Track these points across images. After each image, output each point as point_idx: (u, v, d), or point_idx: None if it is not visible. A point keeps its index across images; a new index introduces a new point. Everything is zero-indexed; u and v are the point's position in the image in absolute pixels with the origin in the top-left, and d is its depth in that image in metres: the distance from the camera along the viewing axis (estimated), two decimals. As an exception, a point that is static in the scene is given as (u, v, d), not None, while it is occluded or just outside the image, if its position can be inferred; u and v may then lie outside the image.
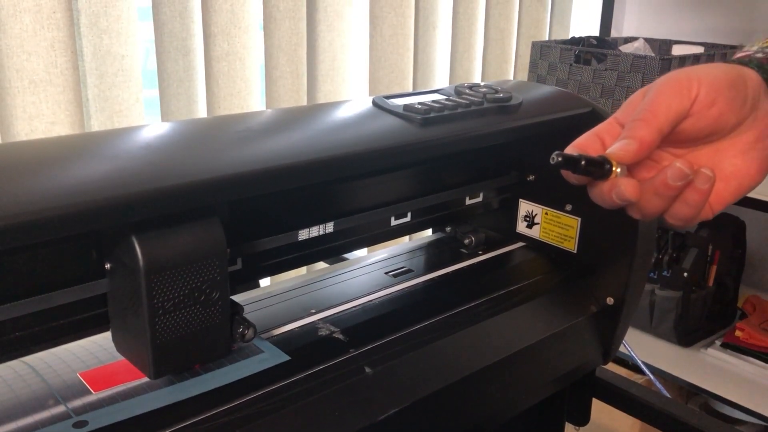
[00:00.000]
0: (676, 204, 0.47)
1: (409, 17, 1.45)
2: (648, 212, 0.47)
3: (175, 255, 0.49)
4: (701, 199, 0.46)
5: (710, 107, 0.47)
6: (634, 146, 0.46)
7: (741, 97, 0.48)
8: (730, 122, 0.48)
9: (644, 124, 0.46)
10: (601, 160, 0.46)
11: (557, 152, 0.45)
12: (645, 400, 0.82)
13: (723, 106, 0.47)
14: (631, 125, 0.47)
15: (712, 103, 0.47)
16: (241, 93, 1.21)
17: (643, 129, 0.46)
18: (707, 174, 0.46)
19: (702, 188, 0.46)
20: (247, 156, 0.52)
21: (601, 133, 0.50)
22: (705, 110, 0.47)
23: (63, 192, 0.43)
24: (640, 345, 1.58)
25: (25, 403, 0.50)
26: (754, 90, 0.48)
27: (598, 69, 1.52)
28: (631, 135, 0.46)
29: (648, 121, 0.46)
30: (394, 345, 0.61)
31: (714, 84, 0.47)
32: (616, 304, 0.76)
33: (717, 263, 1.58)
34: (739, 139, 0.49)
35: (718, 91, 0.47)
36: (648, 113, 0.46)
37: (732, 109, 0.48)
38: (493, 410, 0.69)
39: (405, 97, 0.67)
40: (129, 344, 0.52)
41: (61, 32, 0.97)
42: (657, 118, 0.46)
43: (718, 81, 0.47)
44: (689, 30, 1.84)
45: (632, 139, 0.46)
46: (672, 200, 0.47)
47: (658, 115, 0.46)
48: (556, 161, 0.45)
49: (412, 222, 0.75)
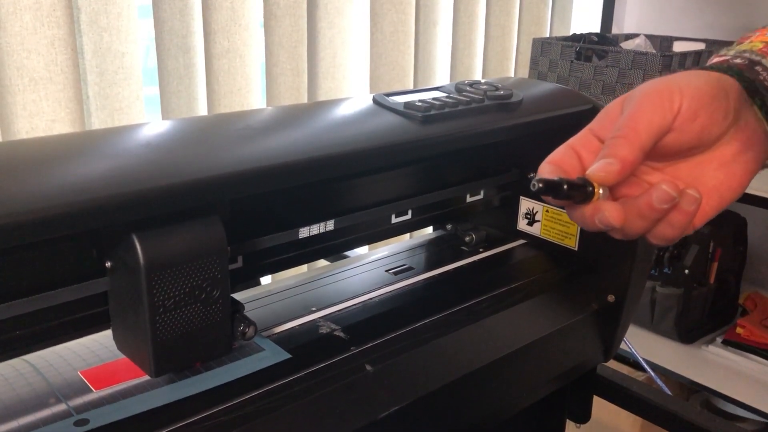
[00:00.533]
0: (660, 225, 0.45)
1: (410, 14, 1.45)
2: (631, 234, 0.46)
3: (176, 253, 0.49)
4: (686, 220, 0.45)
5: (693, 121, 0.45)
6: (617, 166, 0.43)
7: (723, 108, 0.46)
8: (712, 135, 0.46)
9: (626, 142, 0.44)
10: (582, 182, 0.44)
11: (538, 178, 0.43)
12: (646, 397, 0.82)
13: (705, 120, 0.45)
14: (612, 143, 0.44)
15: (695, 117, 0.45)
16: (241, 90, 1.21)
17: (624, 147, 0.44)
18: (694, 195, 0.44)
19: (688, 210, 0.44)
20: (248, 154, 0.52)
21: (576, 147, 0.48)
22: (687, 124, 0.45)
23: (64, 190, 0.43)
24: (641, 342, 1.58)
25: (26, 401, 0.50)
26: (735, 100, 0.46)
27: (599, 66, 1.52)
28: (612, 153, 0.44)
29: (629, 138, 0.44)
30: (395, 343, 0.61)
31: (696, 96, 0.45)
32: (617, 302, 0.76)
33: (718, 260, 1.58)
34: (720, 151, 0.47)
35: (700, 103, 0.45)
36: (629, 129, 0.44)
37: (714, 122, 0.46)
38: (494, 408, 0.69)
39: (405, 95, 0.67)
40: (130, 342, 0.52)
41: (61, 30, 0.97)
42: (639, 135, 0.44)
43: (700, 93, 0.45)
44: (690, 26, 1.84)
45: (614, 158, 0.44)
46: (656, 222, 0.45)
47: (640, 131, 0.44)
48: (538, 187, 0.43)
49: (412, 220, 0.75)
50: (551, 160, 0.47)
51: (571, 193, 0.44)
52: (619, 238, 0.47)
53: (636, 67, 1.45)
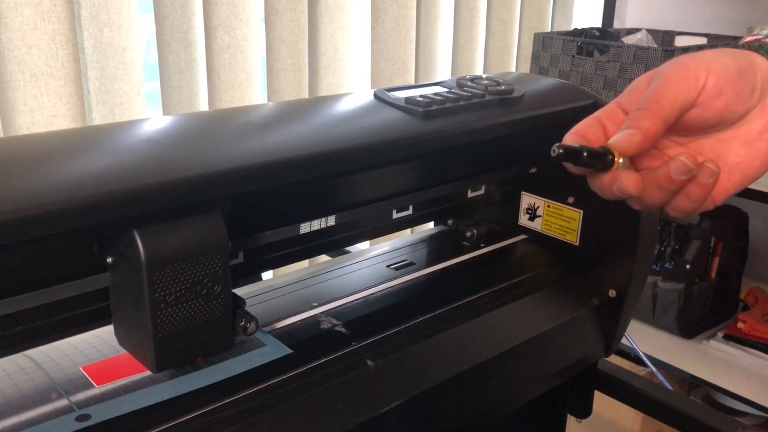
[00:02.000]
0: (678, 197, 0.46)
1: (411, 9, 1.44)
2: (649, 204, 0.46)
3: (177, 249, 0.49)
4: (704, 193, 0.45)
5: (717, 97, 0.45)
6: (638, 137, 0.44)
7: (749, 86, 0.46)
8: (737, 113, 0.47)
9: (649, 114, 0.44)
10: (603, 151, 0.44)
11: (558, 144, 0.44)
12: (647, 392, 0.82)
13: (730, 97, 0.45)
14: (635, 114, 0.45)
15: (720, 93, 0.45)
16: (242, 86, 1.21)
17: (647, 119, 0.44)
18: (711, 168, 0.44)
19: (706, 183, 0.45)
20: (249, 149, 0.52)
21: (603, 119, 0.48)
22: (712, 100, 0.45)
23: (65, 186, 0.43)
24: (642, 337, 1.59)
25: (28, 396, 0.51)
26: (763, 78, 0.46)
27: (601, 61, 1.52)
28: (635, 125, 0.44)
29: (653, 111, 0.44)
30: (396, 338, 0.61)
31: (722, 73, 0.45)
32: (619, 297, 0.76)
33: (719, 255, 1.58)
34: (745, 129, 0.47)
35: (726, 80, 0.45)
36: (653, 102, 0.45)
37: (739, 100, 0.46)
38: (494, 403, 0.69)
39: (407, 90, 0.67)
40: (131, 338, 0.52)
41: (61, 25, 0.97)
42: (662, 108, 0.44)
43: (727, 70, 0.45)
44: (692, 21, 1.83)
45: (636, 129, 0.44)
46: (674, 193, 0.45)
47: (664, 104, 0.44)
48: (557, 153, 0.43)
49: (413, 215, 0.75)
50: (576, 131, 0.48)
51: (591, 161, 0.44)
52: (638, 208, 0.48)
53: (638, 62, 1.44)
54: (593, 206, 0.76)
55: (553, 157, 0.44)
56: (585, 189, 0.49)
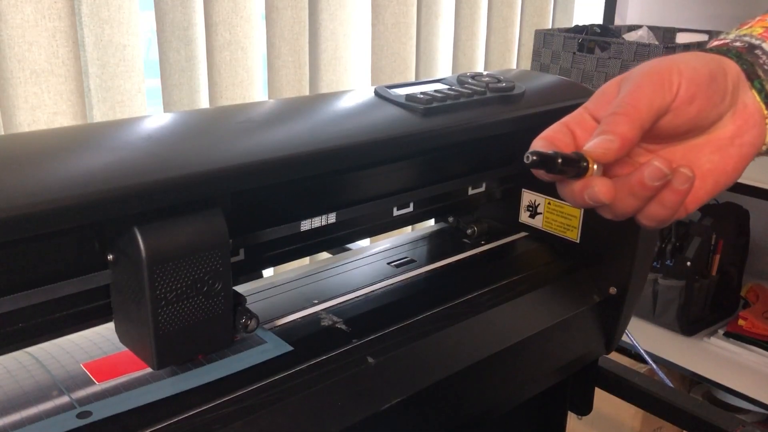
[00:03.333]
0: (651, 204, 0.44)
1: (412, 6, 1.44)
2: (621, 213, 0.45)
3: (178, 246, 0.49)
4: (678, 200, 0.44)
5: (690, 103, 0.44)
6: (616, 143, 0.42)
7: (721, 91, 0.45)
8: (709, 118, 0.45)
9: (626, 119, 0.42)
10: (577, 157, 0.43)
11: (532, 151, 0.42)
12: (647, 389, 0.82)
13: (703, 102, 0.44)
14: (611, 119, 0.43)
15: (692, 99, 0.44)
16: (243, 83, 1.21)
17: (624, 125, 0.42)
18: (686, 174, 0.43)
19: (680, 189, 0.43)
20: (250, 147, 0.52)
21: (571, 125, 0.47)
22: (684, 106, 0.44)
23: (65, 183, 0.43)
24: (642, 334, 1.59)
25: (28, 393, 0.51)
26: (733, 83, 0.46)
27: (602, 57, 1.51)
28: (611, 130, 0.42)
29: (630, 116, 0.42)
30: (397, 335, 0.61)
31: (694, 78, 0.44)
32: (619, 294, 0.76)
33: (720, 252, 1.58)
34: (716, 134, 0.46)
35: (698, 86, 0.44)
36: (629, 107, 0.43)
37: (711, 105, 0.45)
38: (495, 400, 0.69)
39: (407, 87, 0.67)
40: (132, 335, 0.52)
41: (62, 22, 0.97)
42: (639, 113, 0.43)
43: (699, 75, 0.44)
44: (693, 18, 1.83)
45: (613, 134, 0.42)
46: (647, 200, 0.44)
47: (640, 109, 0.43)
48: (531, 160, 0.41)
49: (414, 212, 0.75)
50: (544, 136, 0.46)
51: (565, 168, 0.42)
52: (609, 217, 0.46)
53: (639, 59, 1.44)
54: (594, 203, 0.76)
55: (526, 164, 0.42)
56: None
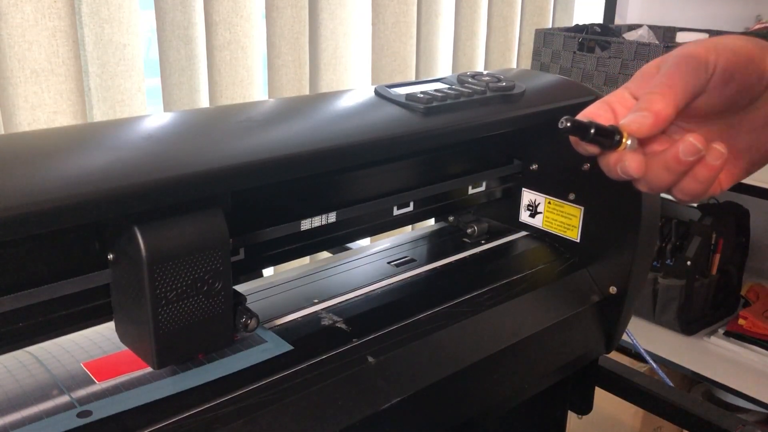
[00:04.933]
0: (686, 179, 0.45)
1: (412, 5, 1.44)
2: (656, 186, 0.46)
3: (178, 245, 0.49)
4: (712, 176, 0.45)
5: (726, 84, 0.45)
6: (650, 119, 0.44)
7: (758, 72, 0.46)
8: (745, 99, 0.46)
9: (661, 98, 0.44)
10: (612, 129, 0.44)
11: (566, 117, 0.44)
12: (647, 388, 0.82)
13: (739, 83, 0.45)
14: (647, 97, 0.45)
15: (729, 80, 0.45)
16: (243, 82, 1.21)
17: (660, 102, 0.44)
18: (720, 150, 0.44)
19: (713, 164, 0.44)
20: (250, 146, 0.52)
21: (613, 103, 0.48)
22: (720, 87, 0.45)
23: (66, 183, 0.43)
24: (643, 334, 1.59)
25: (29, 393, 0.51)
26: None
27: (602, 57, 1.51)
28: (646, 107, 0.44)
29: (665, 95, 0.44)
30: (397, 335, 0.61)
31: (731, 59, 0.45)
32: (619, 293, 0.76)
33: (720, 252, 1.58)
34: (753, 114, 0.47)
35: (735, 66, 0.45)
36: (665, 86, 0.45)
37: (748, 86, 0.46)
38: (495, 400, 0.69)
39: (407, 87, 0.67)
40: (132, 334, 0.52)
41: (62, 21, 0.97)
42: (674, 92, 0.44)
43: (736, 56, 0.45)
44: (693, 17, 1.83)
45: (648, 111, 0.44)
46: (682, 175, 0.45)
47: (676, 88, 0.44)
48: (564, 126, 0.43)
49: (414, 212, 0.75)
50: (585, 113, 0.48)
51: (598, 139, 0.44)
52: (645, 190, 0.48)
53: (639, 58, 1.44)
54: (594, 203, 0.76)
55: (560, 128, 0.43)
56: (586, 186, 0.48)
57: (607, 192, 0.74)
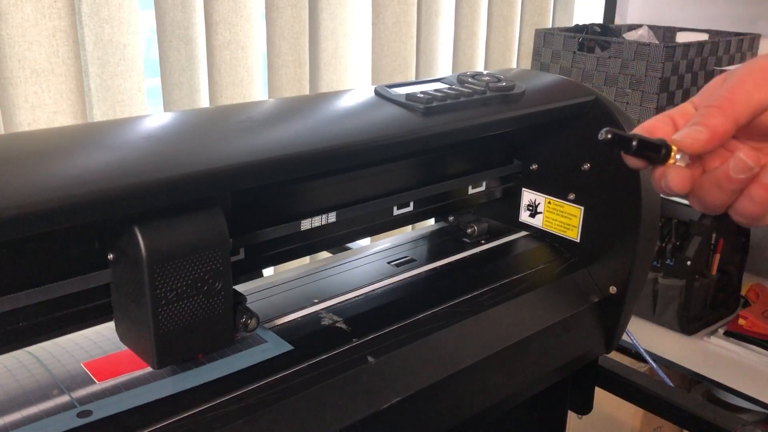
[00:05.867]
0: (741, 199, 0.43)
1: (412, 5, 1.44)
2: (709, 205, 0.44)
3: (178, 245, 0.49)
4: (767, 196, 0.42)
5: None
6: (705, 135, 0.42)
7: None
8: None
9: (719, 112, 0.42)
10: (659, 143, 0.42)
11: (607, 128, 0.41)
12: (648, 388, 0.82)
13: None
14: (704, 111, 0.43)
15: None
16: (243, 82, 1.21)
17: (717, 117, 0.42)
18: None
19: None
20: (249, 146, 0.52)
21: (674, 116, 0.46)
22: None
23: (66, 183, 0.43)
24: (643, 333, 1.59)
25: (29, 393, 0.51)
26: None
27: (602, 57, 1.51)
28: (703, 122, 0.42)
29: (723, 109, 0.42)
30: (397, 335, 0.61)
31: None
32: (619, 293, 0.76)
33: (720, 252, 1.58)
34: None
35: None
36: (724, 100, 0.42)
37: None
38: (495, 399, 0.69)
39: (407, 86, 0.67)
40: (132, 334, 0.52)
41: (62, 21, 0.97)
42: (734, 107, 0.42)
43: None
44: (694, 17, 1.83)
45: (704, 126, 0.42)
46: (735, 194, 0.43)
47: (736, 103, 0.42)
48: (605, 137, 0.41)
49: (414, 212, 0.75)
50: (644, 125, 0.46)
51: (642, 152, 0.42)
52: (699, 209, 0.46)
53: (639, 58, 1.44)
54: (594, 203, 0.76)
55: (599, 140, 0.42)
56: (586, 186, 0.48)
57: (607, 192, 0.74)
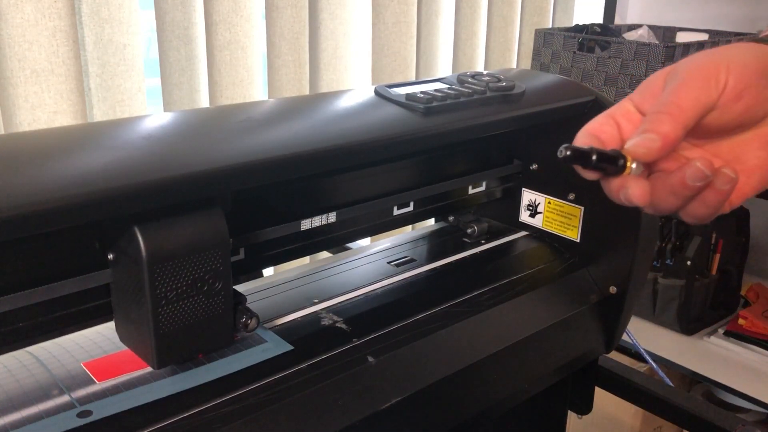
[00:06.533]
0: (693, 203, 0.43)
1: (412, 5, 1.44)
2: (662, 210, 0.44)
3: (178, 245, 0.49)
4: (721, 200, 0.43)
5: (737, 100, 0.43)
6: (658, 143, 0.41)
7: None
8: (757, 115, 0.44)
9: (669, 118, 0.42)
10: (615, 155, 0.42)
11: (566, 145, 0.41)
12: (647, 388, 0.82)
13: (750, 99, 0.43)
14: (654, 118, 0.42)
15: (740, 96, 0.42)
16: (243, 82, 1.21)
17: (667, 124, 0.41)
18: (729, 175, 0.42)
19: (722, 189, 0.42)
20: (249, 146, 0.52)
21: (616, 116, 0.46)
22: (731, 104, 0.43)
23: (66, 183, 0.43)
24: (642, 333, 1.59)
25: (29, 393, 0.51)
26: None
27: (602, 57, 1.51)
28: (654, 129, 0.42)
29: (673, 115, 0.42)
30: (397, 334, 0.61)
31: (743, 73, 0.42)
32: (619, 293, 0.76)
33: (720, 251, 1.58)
34: (764, 130, 0.45)
35: (747, 82, 0.42)
36: (673, 106, 0.42)
37: (760, 102, 0.43)
38: (495, 399, 0.69)
39: (407, 86, 0.67)
40: (132, 334, 0.52)
41: (62, 21, 0.97)
42: (683, 113, 0.42)
43: (748, 70, 0.43)
44: (693, 17, 1.83)
45: (656, 134, 0.41)
46: (689, 200, 0.43)
47: (685, 108, 0.42)
48: (564, 155, 0.41)
49: (414, 211, 0.75)
50: (589, 129, 0.46)
51: (601, 165, 0.42)
52: (650, 212, 0.46)
53: (639, 58, 1.44)
54: (594, 203, 0.76)
55: (559, 158, 0.41)
56: (586, 185, 0.48)
57: (607, 192, 0.74)
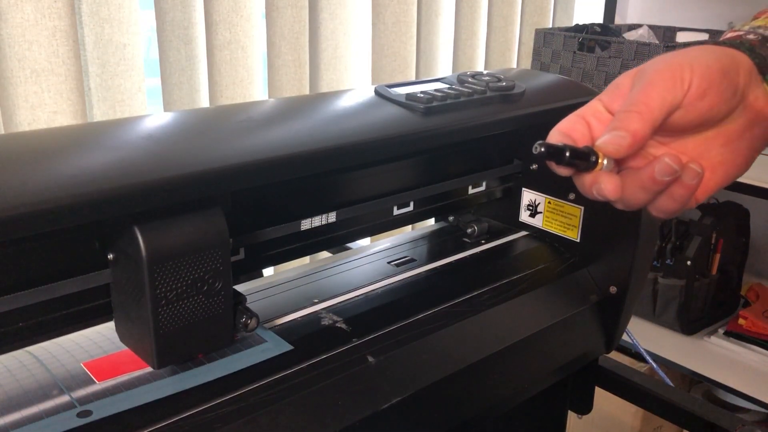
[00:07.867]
0: (662, 197, 0.46)
1: (412, 4, 1.44)
2: (632, 205, 0.47)
3: (178, 245, 0.49)
4: (688, 194, 0.45)
5: (701, 99, 0.45)
6: (627, 140, 0.44)
7: (732, 87, 0.46)
8: (720, 113, 0.46)
9: (638, 117, 0.44)
10: (587, 151, 0.44)
11: (540, 142, 0.44)
12: (648, 388, 0.82)
13: (714, 98, 0.45)
14: (623, 116, 0.45)
15: (704, 95, 0.45)
16: (243, 82, 1.21)
17: (636, 122, 0.44)
18: (695, 170, 0.45)
19: (689, 184, 0.45)
20: (250, 146, 0.52)
21: (587, 116, 0.48)
22: (696, 102, 0.45)
23: (66, 182, 0.43)
24: (643, 333, 1.59)
25: (29, 393, 0.51)
26: (745, 77, 0.46)
27: (602, 57, 1.51)
28: (623, 126, 0.44)
29: (642, 114, 0.44)
30: (397, 334, 0.61)
31: (706, 74, 0.45)
32: (619, 293, 0.76)
33: (720, 251, 1.58)
34: (727, 128, 0.47)
35: (710, 81, 0.45)
36: (641, 104, 0.44)
37: (723, 101, 0.45)
38: (495, 399, 0.69)
39: (407, 86, 0.67)
40: (132, 334, 0.52)
41: (62, 21, 0.97)
42: (651, 111, 0.44)
43: (711, 71, 0.45)
44: (693, 17, 1.83)
45: (625, 131, 0.44)
46: (657, 194, 0.46)
47: (652, 107, 0.44)
48: (539, 151, 0.43)
49: (414, 211, 0.75)
50: (560, 128, 0.48)
51: (574, 161, 0.44)
52: (620, 207, 0.48)
53: (639, 58, 1.44)
54: (594, 203, 0.76)
55: (534, 154, 0.43)
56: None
57: (607, 192, 0.74)
